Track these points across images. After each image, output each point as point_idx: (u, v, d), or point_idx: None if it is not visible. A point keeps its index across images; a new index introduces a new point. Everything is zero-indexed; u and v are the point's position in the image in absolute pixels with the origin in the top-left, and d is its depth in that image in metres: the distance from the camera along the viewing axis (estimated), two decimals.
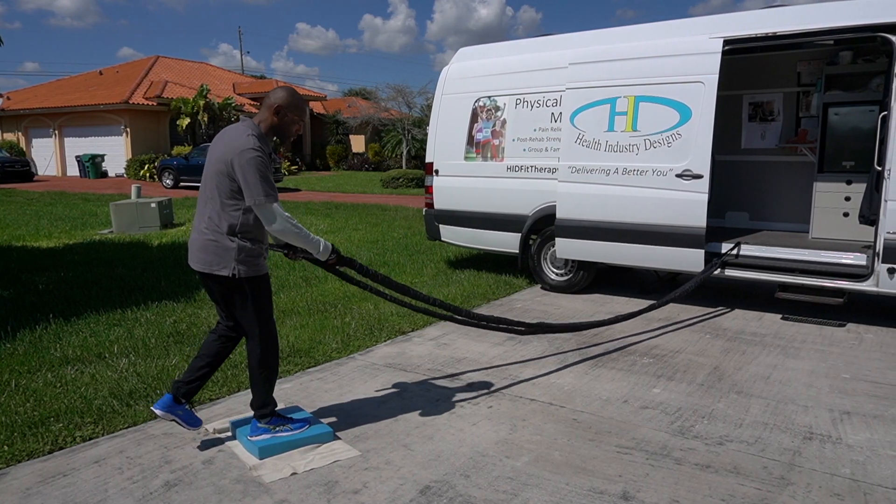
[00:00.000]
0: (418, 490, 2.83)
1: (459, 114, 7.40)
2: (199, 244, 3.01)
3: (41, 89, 33.94)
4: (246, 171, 2.83)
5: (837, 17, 5.35)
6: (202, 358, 3.24)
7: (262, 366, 3.16)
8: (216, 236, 2.95)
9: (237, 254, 2.95)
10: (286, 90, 3.08)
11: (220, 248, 2.95)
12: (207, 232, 2.97)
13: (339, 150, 34.58)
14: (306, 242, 3.06)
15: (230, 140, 2.93)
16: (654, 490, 2.84)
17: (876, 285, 5.20)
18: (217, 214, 2.94)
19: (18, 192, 19.95)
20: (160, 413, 3.17)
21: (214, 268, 2.97)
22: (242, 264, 2.97)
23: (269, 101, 3.03)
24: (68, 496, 2.78)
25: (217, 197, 2.94)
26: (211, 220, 2.96)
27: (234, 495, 2.80)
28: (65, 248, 9.33)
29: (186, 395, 3.23)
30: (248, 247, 2.97)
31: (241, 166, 2.83)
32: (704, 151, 5.70)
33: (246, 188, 2.85)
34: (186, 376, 3.22)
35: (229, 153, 2.87)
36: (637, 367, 4.51)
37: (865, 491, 2.84)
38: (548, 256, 6.97)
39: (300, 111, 3.09)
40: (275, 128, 3.05)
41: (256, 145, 2.87)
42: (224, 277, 2.98)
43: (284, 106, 3.02)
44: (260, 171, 2.84)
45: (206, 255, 2.98)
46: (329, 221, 12.83)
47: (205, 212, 2.99)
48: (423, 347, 4.97)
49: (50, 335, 5.01)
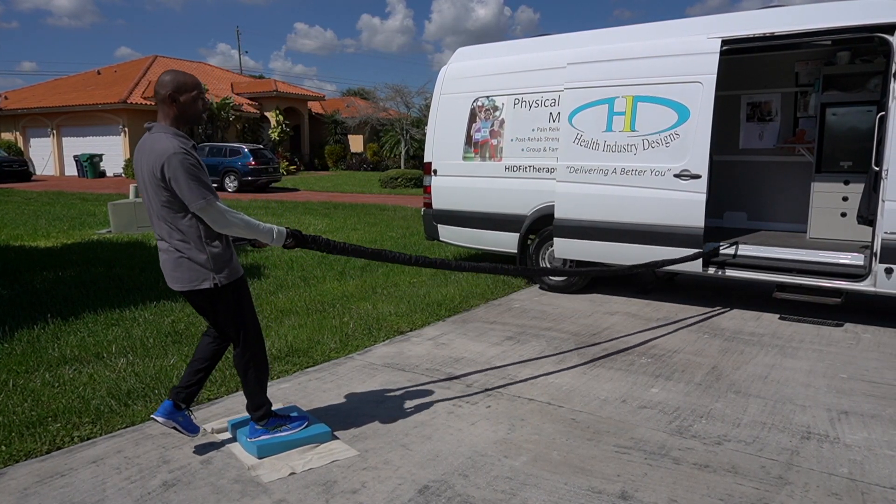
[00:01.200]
0: (417, 490, 2.83)
1: (458, 114, 7.40)
2: (171, 263, 2.91)
3: (39, 89, 33.91)
4: (177, 177, 2.70)
5: (835, 18, 5.35)
6: (198, 361, 3.21)
7: (252, 368, 3.14)
8: (185, 251, 2.85)
9: (212, 263, 2.88)
10: (168, 74, 2.88)
11: (194, 263, 2.86)
12: (174, 250, 2.87)
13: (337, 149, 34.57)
14: (258, 233, 2.92)
15: (151, 150, 2.78)
16: (652, 489, 2.85)
17: (873, 285, 5.21)
18: (175, 229, 2.83)
19: (16, 192, 19.92)
20: (161, 420, 3.13)
21: (195, 283, 2.89)
22: (220, 272, 2.91)
23: (160, 95, 2.83)
24: (66, 496, 2.78)
25: (166, 211, 2.81)
26: (171, 236, 2.85)
27: (233, 495, 2.80)
28: (63, 247, 9.31)
29: (186, 400, 3.20)
30: (219, 252, 2.90)
31: (171, 174, 2.70)
32: (702, 151, 5.70)
33: (182, 195, 2.74)
34: (184, 381, 3.20)
35: (156, 164, 2.73)
36: (635, 366, 4.51)
37: (863, 490, 2.84)
38: (546, 256, 6.97)
39: (190, 86, 2.86)
40: (179, 117, 2.86)
41: (178, 147, 2.73)
42: (207, 290, 2.92)
43: (175, 90, 2.82)
44: (190, 172, 2.72)
45: (181, 272, 2.89)
46: (327, 221, 12.83)
47: (162, 229, 2.88)
48: (422, 347, 4.97)
49: (48, 335, 5.00)
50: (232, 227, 2.86)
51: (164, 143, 2.75)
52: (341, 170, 33.37)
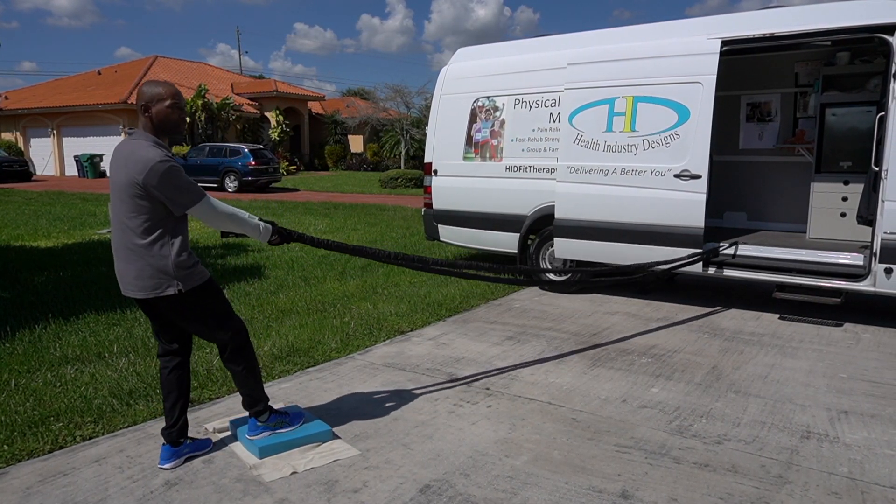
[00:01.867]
0: (418, 489, 2.84)
1: (458, 114, 7.41)
2: (133, 272, 2.85)
3: (39, 89, 33.92)
4: (165, 184, 2.72)
5: (835, 18, 5.37)
6: (169, 397, 3.10)
7: (242, 363, 3.12)
8: (148, 258, 2.82)
9: (175, 270, 2.84)
10: (147, 84, 2.90)
11: (157, 270, 2.83)
12: (137, 257, 2.83)
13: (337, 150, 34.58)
14: (246, 227, 3.01)
15: (129, 157, 2.76)
16: (652, 489, 2.86)
17: (873, 285, 5.22)
18: (139, 236, 2.80)
19: (17, 192, 19.93)
20: (170, 466, 3.03)
21: (159, 290, 2.85)
22: (183, 280, 2.87)
23: (138, 104, 2.86)
24: (68, 495, 2.79)
25: (134, 218, 2.79)
26: (135, 242, 2.82)
27: (235, 494, 2.81)
28: (63, 247, 9.32)
29: (181, 434, 3.11)
30: (183, 259, 2.87)
31: (157, 182, 2.71)
32: (702, 152, 5.72)
33: (171, 200, 2.77)
34: (168, 421, 3.10)
35: (135, 171, 2.72)
36: (635, 366, 4.52)
37: (863, 489, 2.85)
38: (546, 256, 6.98)
39: (163, 96, 2.85)
40: (157, 126, 2.87)
41: (160, 155, 2.73)
42: (171, 297, 2.87)
43: (149, 100, 2.84)
44: (178, 177, 2.76)
45: (143, 280, 2.84)
46: (327, 221, 12.84)
47: (125, 236, 2.84)
48: (422, 347, 4.98)
49: (49, 335, 5.01)
50: (223, 220, 2.94)
51: (145, 152, 2.74)
52: (341, 170, 33.37)
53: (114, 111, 27.53)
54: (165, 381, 3.12)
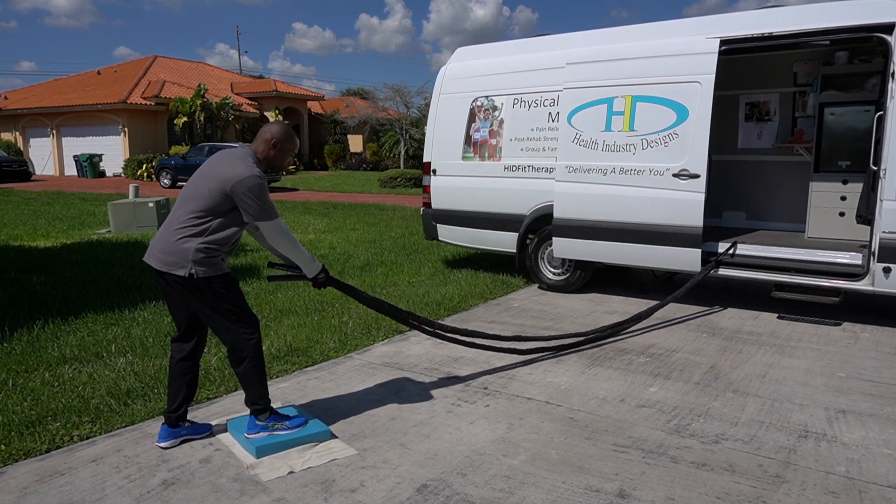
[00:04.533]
0: (415, 489, 2.84)
1: (457, 114, 7.40)
2: (164, 243, 3.04)
3: (39, 89, 33.90)
4: (251, 197, 2.99)
5: (833, 18, 5.36)
6: (173, 384, 3.24)
7: (248, 360, 3.14)
8: (184, 238, 3.00)
9: (193, 254, 2.98)
10: (282, 126, 3.26)
11: (180, 250, 2.99)
12: (176, 232, 3.02)
13: (337, 149, 34.57)
14: (300, 255, 3.26)
15: (232, 164, 3.05)
16: (650, 488, 2.85)
17: (871, 285, 5.22)
18: (194, 220, 3.01)
19: (16, 192, 19.91)
20: (167, 445, 3.19)
21: (172, 268, 2.99)
22: (199, 265, 2.99)
23: (267, 136, 3.17)
24: (65, 495, 2.79)
25: (197, 202, 3.02)
26: (185, 223, 3.02)
27: (232, 494, 2.81)
28: (62, 247, 9.31)
29: (181, 419, 3.25)
30: (210, 248, 3.02)
31: (244, 192, 2.98)
32: (701, 151, 5.72)
33: (250, 210, 3.01)
34: (170, 405, 3.24)
35: (231, 177, 2.98)
36: (634, 366, 4.52)
37: (860, 489, 2.85)
38: (545, 256, 6.98)
39: (294, 144, 3.26)
40: (269, 159, 3.20)
41: (258, 172, 3.04)
42: (181, 278, 3.00)
43: (281, 140, 3.18)
44: (264, 195, 3.04)
45: (165, 254, 3.02)
46: (326, 221, 12.84)
47: (183, 214, 3.04)
48: (421, 346, 4.97)
49: (47, 334, 5.01)
50: (283, 243, 3.17)
51: (248, 167, 3.04)
52: (341, 170, 33.36)
53: (113, 111, 27.51)
54: (172, 370, 3.25)
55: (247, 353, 3.14)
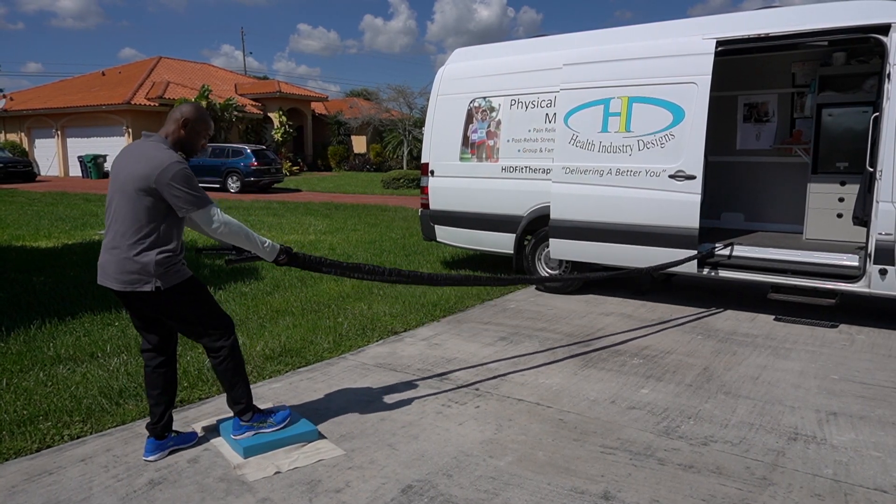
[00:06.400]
0: (400, 489, 2.85)
1: (455, 114, 7.41)
2: (115, 264, 2.92)
3: (44, 90, 34.07)
4: (178, 185, 2.81)
5: (830, 19, 5.35)
6: (152, 394, 3.15)
7: (228, 360, 3.12)
8: (133, 254, 2.88)
9: (154, 268, 2.88)
10: (193, 104, 3.07)
11: (138, 265, 2.88)
12: (123, 251, 2.89)
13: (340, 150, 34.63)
14: (251, 241, 3.02)
15: (143, 156, 2.87)
16: (635, 490, 2.85)
17: (868, 286, 5.20)
18: (134, 232, 2.87)
19: (20, 193, 20.03)
20: (154, 458, 3.09)
21: (137, 286, 2.90)
22: (161, 278, 2.91)
23: (176, 116, 3.00)
24: (52, 494, 2.80)
25: (134, 214, 2.86)
26: (126, 238, 2.88)
27: (217, 494, 2.82)
28: (63, 248, 9.36)
29: (166, 429, 3.17)
30: (164, 258, 2.91)
31: (169, 182, 2.80)
32: (697, 152, 5.71)
33: (180, 201, 2.84)
34: (153, 417, 3.15)
35: (147, 169, 2.82)
36: (627, 367, 4.52)
37: (846, 491, 2.84)
38: (542, 257, 6.98)
39: (207, 124, 3.07)
40: (181, 140, 3.01)
41: (176, 157, 2.87)
42: (147, 293, 2.92)
43: (193, 119, 3.00)
44: (190, 180, 2.86)
45: (123, 274, 2.90)
46: (328, 222, 12.86)
47: (119, 230, 2.90)
48: (415, 347, 4.98)
49: (44, 334, 5.04)
50: (228, 231, 2.94)
51: (163, 154, 2.86)
52: (344, 170, 33.40)
53: (118, 112, 27.64)
54: (149, 378, 3.18)
55: (224, 354, 3.11)
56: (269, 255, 3.09)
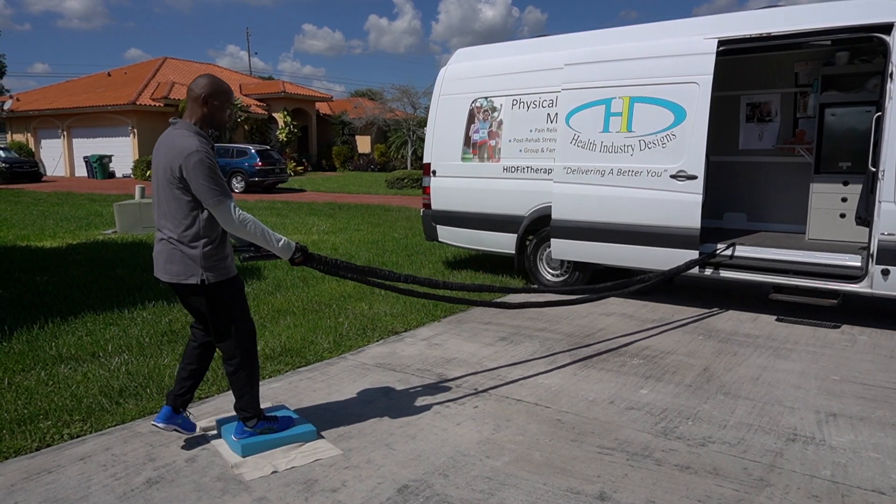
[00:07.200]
0: (396, 489, 2.85)
1: (456, 115, 7.41)
2: (165, 255, 2.98)
3: (50, 90, 34.25)
4: (196, 174, 2.82)
5: (832, 18, 5.32)
6: (186, 368, 3.27)
7: (244, 368, 3.14)
8: (180, 245, 2.93)
9: (203, 261, 2.94)
10: (207, 77, 3.01)
11: (186, 257, 2.93)
12: (171, 243, 2.95)
13: (344, 150, 34.70)
14: (267, 239, 3.02)
15: (171, 145, 2.90)
16: (631, 490, 2.85)
17: (870, 287, 5.17)
18: (178, 223, 2.92)
19: (26, 193, 20.14)
20: (161, 426, 3.22)
21: (182, 277, 2.96)
22: (210, 271, 2.96)
23: (194, 94, 2.96)
24: (50, 493, 2.82)
25: (174, 205, 2.91)
26: (172, 230, 2.94)
27: (214, 493, 2.83)
28: (68, 248, 9.41)
29: (183, 405, 3.29)
30: (211, 251, 2.95)
31: (188, 170, 2.82)
32: (699, 152, 5.69)
33: (198, 192, 2.85)
34: (177, 388, 3.27)
35: (174, 159, 2.85)
36: (626, 367, 4.51)
37: (843, 493, 2.83)
38: (544, 257, 6.97)
39: (226, 94, 3.03)
40: (206, 118, 2.99)
41: (198, 145, 2.84)
42: (193, 286, 2.98)
43: (210, 94, 2.97)
44: (208, 171, 2.83)
45: (172, 265, 2.96)
46: (331, 222, 12.88)
47: (165, 221, 2.96)
48: (415, 348, 4.99)
49: (46, 334, 5.06)
50: (243, 228, 2.93)
51: (186, 141, 2.86)
52: (349, 170, 33.47)
53: (123, 112, 27.77)
54: (188, 353, 3.29)
55: (243, 362, 3.13)
56: (283, 252, 3.10)
